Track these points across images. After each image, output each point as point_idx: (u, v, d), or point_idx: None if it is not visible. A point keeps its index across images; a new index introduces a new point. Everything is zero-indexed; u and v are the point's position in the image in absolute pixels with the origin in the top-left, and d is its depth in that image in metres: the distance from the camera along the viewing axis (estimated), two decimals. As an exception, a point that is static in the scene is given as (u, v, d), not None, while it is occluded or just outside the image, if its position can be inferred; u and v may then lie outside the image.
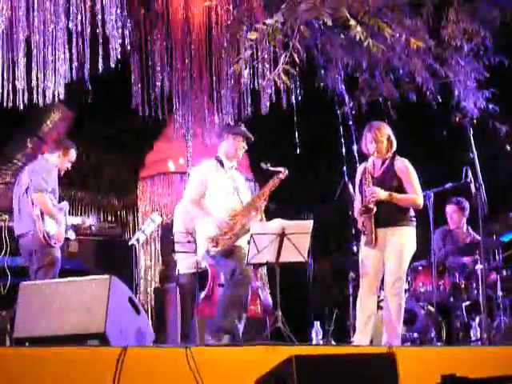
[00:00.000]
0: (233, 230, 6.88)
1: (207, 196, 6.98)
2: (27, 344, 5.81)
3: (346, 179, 8.04)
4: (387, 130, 6.97)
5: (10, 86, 8.60)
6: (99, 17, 8.70)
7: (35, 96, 8.72)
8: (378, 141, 6.87)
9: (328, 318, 9.63)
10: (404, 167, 6.87)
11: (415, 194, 6.83)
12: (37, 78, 8.68)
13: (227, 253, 6.91)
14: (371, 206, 6.67)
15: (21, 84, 8.63)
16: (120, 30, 8.91)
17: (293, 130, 10.39)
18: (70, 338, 5.66)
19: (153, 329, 8.12)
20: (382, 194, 6.69)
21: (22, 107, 8.72)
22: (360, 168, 7.11)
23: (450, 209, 8.99)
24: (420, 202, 6.88)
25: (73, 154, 7.88)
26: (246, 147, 7.25)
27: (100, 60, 8.88)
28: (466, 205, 8.84)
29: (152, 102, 9.92)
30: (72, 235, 8.03)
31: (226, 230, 6.85)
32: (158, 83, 9.88)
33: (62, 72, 8.76)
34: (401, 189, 6.78)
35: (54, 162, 7.76)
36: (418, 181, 6.87)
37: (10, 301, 7.30)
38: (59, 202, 7.86)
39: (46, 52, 8.68)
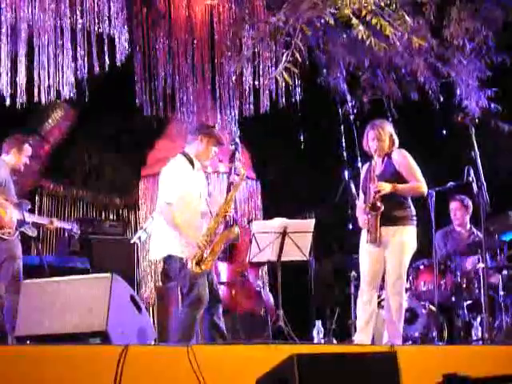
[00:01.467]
0: (213, 250, 6.49)
1: (180, 197, 6.60)
2: (28, 342, 5.82)
3: (348, 178, 8.03)
4: (390, 129, 6.96)
5: (13, 84, 8.62)
6: (101, 15, 8.72)
7: (37, 95, 8.74)
8: (380, 139, 6.86)
9: (329, 317, 9.62)
10: (402, 158, 6.84)
11: (418, 181, 6.80)
12: (39, 77, 8.70)
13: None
14: (379, 204, 6.66)
15: (23, 83, 8.65)
16: (122, 29, 8.93)
17: (294, 128, 10.40)
18: (72, 337, 5.67)
19: (154, 327, 8.14)
20: (387, 186, 6.67)
21: (24, 106, 8.74)
22: (365, 166, 7.10)
23: (453, 205, 8.97)
24: (424, 189, 6.84)
25: (27, 148, 7.88)
26: (217, 151, 6.97)
27: (101, 59, 8.90)
28: (470, 203, 8.83)
29: (154, 101, 9.94)
30: (32, 232, 7.97)
31: (204, 248, 6.45)
32: (161, 82, 9.89)
33: (64, 71, 8.78)
34: (402, 183, 6.76)
35: (11, 160, 7.79)
36: (418, 169, 6.82)
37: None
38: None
39: (48, 51, 8.70)
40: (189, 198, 6.62)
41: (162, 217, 6.65)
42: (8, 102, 8.70)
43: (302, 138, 10.37)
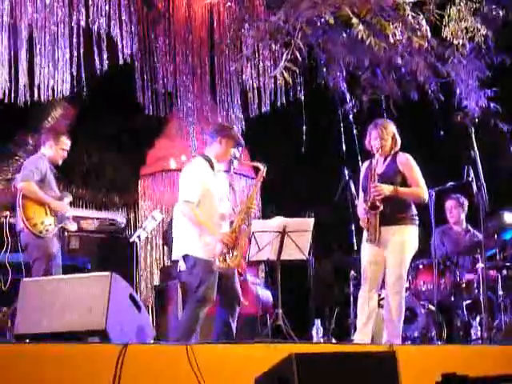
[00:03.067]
0: (240, 246, 6.57)
1: (202, 199, 6.61)
2: (28, 341, 5.81)
3: (348, 177, 8.03)
4: (392, 128, 6.97)
5: (13, 82, 8.62)
6: (102, 15, 8.72)
7: (37, 93, 8.74)
8: (383, 138, 6.87)
9: (329, 316, 9.63)
10: (406, 162, 6.87)
11: (419, 187, 6.82)
12: (39, 75, 8.70)
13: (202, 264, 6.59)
14: (378, 203, 6.66)
15: (23, 81, 8.65)
16: (122, 28, 8.94)
17: (294, 127, 10.39)
18: (71, 335, 5.66)
19: (154, 326, 8.14)
20: (387, 189, 6.67)
21: (23, 104, 8.74)
22: (364, 165, 7.11)
23: (449, 204, 9.01)
24: (425, 195, 6.87)
25: (64, 140, 7.87)
26: (237, 153, 7.00)
27: (101, 58, 8.91)
28: (465, 201, 8.87)
29: (154, 100, 9.95)
30: (72, 226, 7.95)
31: (231, 245, 6.53)
32: (160, 81, 9.89)
33: (64, 69, 8.78)
34: (404, 184, 6.78)
35: (48, 153, 7.80)
36: (421, 175, 6.85)
37: (11, 297, 7.29)
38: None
39: (49, 49, 8.70)
40: (209, 199, 6.64)
41: (182, 216, 6.68)
42: (8, 101, 8.70)
43: (301, 137, 10.35)
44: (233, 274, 6.76)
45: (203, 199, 6.60)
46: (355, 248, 8.24)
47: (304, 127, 10.19)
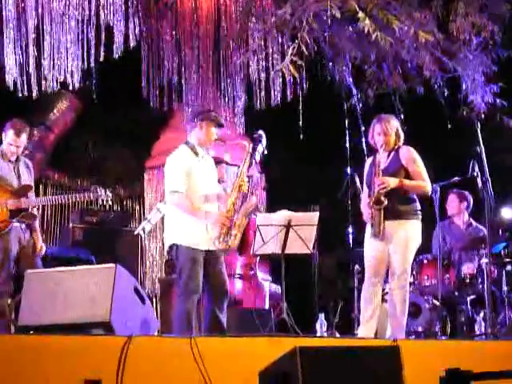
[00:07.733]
0: (236, 224, 6.52)
1: (189, 186, 6.58)
2: (32, 332, 5.83)
3: (352, 171, 8.01)
4: (396, 124, 6.94)
5: (18, 75, 8.63)
6: (108, 6, 8.72)
7: (43, 85, 8.75)
8: (387, 133, 6.84)
9: (333, 311, 9.63)
10: (409, 155, 6.83)
11: (423, 180, 6.80)
12: (45, 67, 8.72)
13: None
14: (382, 198, 6.64)
15: (28, 73, 8.66)
16: (129, 20, 8.95)
17: (299, 122, 10.38)
18: (75, 327, 5.67)
19: (158, 318, 8.15)
20: (393, 181, 6.64)
21: (29, 96, 8.75)
22: (369, 160, 7.09)
23: (450, 198, 9.00)
24: (429, 188, 6.84)
25: (10, 135, 7.34)
26: (219, 134, 6.91)
27: (108, 50, 8.92)
28: (468, 196, 8.84)
29: (160, 93, 9.96)
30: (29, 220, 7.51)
31: (228, 225, 6.48)
32: (166, 74, 9.90)
33: (69, 61, 8.79)
34: (408, 179, 6.75)
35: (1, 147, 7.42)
36: (424, 167, 6.81)
37: (14, 289, 7.29)
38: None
39: (54, 41, 8.71)
40: (192, 185, 6.61)
41: (171, 207, 6.68)
42: (13, 92, 8.71)
43: (306, 132, 10.35)
44: (219, 263, 6.67)
45: (189, 187, 6.55)
46: (358, 242, 8.24)
47: (308, 121, 10.19)
